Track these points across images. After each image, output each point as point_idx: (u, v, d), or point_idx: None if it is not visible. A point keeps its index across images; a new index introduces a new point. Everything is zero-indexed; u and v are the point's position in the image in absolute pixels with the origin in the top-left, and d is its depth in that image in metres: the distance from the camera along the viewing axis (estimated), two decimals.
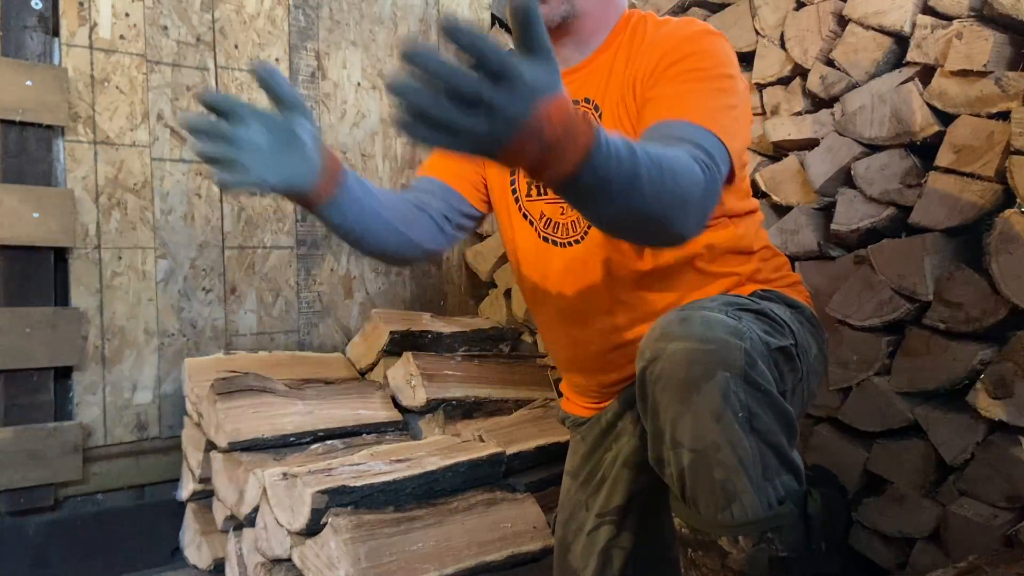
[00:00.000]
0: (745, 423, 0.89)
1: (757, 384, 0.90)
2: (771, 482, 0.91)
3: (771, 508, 0.91)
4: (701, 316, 0.93)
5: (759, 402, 0.90)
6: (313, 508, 1.34)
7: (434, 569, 1.35)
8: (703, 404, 0.89)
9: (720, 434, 0.89)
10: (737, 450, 0.89)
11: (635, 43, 1.15)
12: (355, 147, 2.25)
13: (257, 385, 1.72)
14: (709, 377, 0.89)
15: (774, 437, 0.91)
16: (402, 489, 1.44)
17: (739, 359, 0.89)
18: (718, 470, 0.90)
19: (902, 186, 1.48)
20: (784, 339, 1.01)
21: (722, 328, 0.91)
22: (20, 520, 1.70)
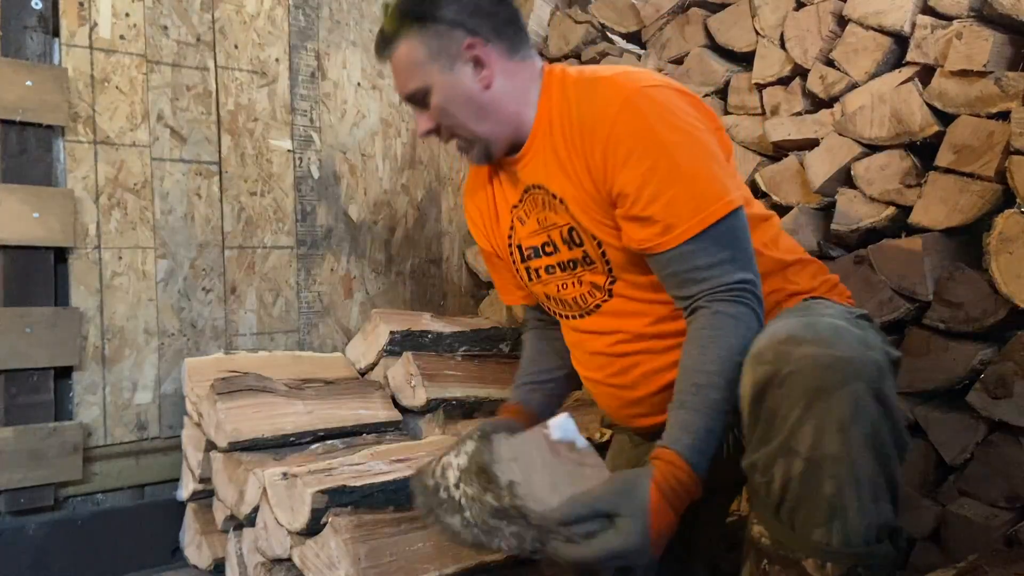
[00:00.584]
0: (869, 439, 0.85)
1: (886, 400, 0.87)
2: (878, 507, 0.87)
3: (869, 537, 0.86)
4: (828, 323, 0.90)
5: (885, 419, 0.86)
6: (313, 508, 1.34)
7: (434, 569, 1.35)
8: (830, 413, 0.85)
9: (843, 447, 0.85)
10: (855, 467, 0.85)
11: (565, 119, 1.12)
12: (355, 147, 2.25)
13: (257, 385, 1.72)
14: (843, 385, 0.85)
15: (890, 460, 0.87)
16: (403, 489, 1.44)
17: (872, 371, 0.86)
18: (829, 484, 0.85)
19: (902, 186, 1.48)
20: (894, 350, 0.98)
21: (851, 337, 0.88)
22: (20, 520, 1.70)
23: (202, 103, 1.97)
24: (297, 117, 2.13)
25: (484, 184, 1.32)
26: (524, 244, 1.24)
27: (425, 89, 1.16)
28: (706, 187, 1.02)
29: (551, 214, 1.17)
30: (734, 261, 1.01)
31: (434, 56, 1.14)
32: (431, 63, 1.15)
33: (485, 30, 1.15)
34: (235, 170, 2.02)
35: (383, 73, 2.31)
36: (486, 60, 1.14)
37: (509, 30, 1.17)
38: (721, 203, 1.01)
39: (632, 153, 1.03)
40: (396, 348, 1.96)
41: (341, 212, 2.23)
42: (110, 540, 1.79)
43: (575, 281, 1.19)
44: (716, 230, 1.01)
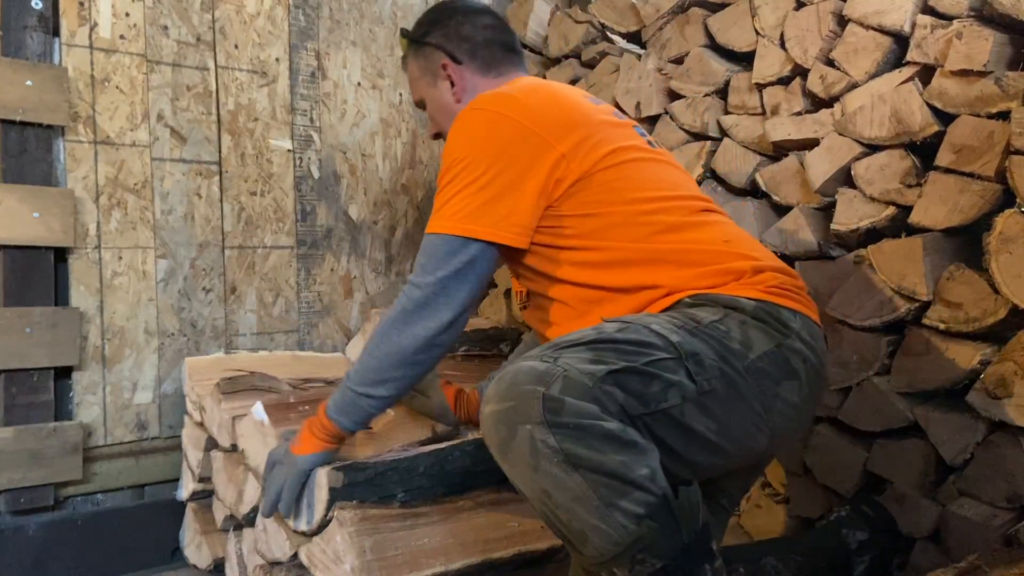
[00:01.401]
0: (564, 464, 0.93)
1: (566, 424, 0.93)
2: (616, 507, 0.93)
3: (626, 531, 0.93)
4: (514, 370, 0.99)
5: (575, 438, 0.93)
6: (331, 487, 1.34)
7: (440, 564, 1.35)
8: (518, 460, 0.96)
9: (543, 482, 0.94)
10: (566, 491, 0.93)
11: None
12: (355, 147, 2.25)
13: (263, 385, 1.72)
14: (513, 434, 0.95)
15: (606, 464, 0.93)
16: (415, 468, 1.44)
17: (537, 408, 0.93)
18: (560, 513, 0.95)
19: (902, 186, 1.48)
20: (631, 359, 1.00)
21: (527, 379, 0.96)
22: (20, 520, 1.70)
23: (202, 103, 1.97)
24: (297, 117, 2.13)
25: None
26: None
27: (421, 100, 1.46)
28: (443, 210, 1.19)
29: None
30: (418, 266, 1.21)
31: (423, 73, 1.43)
32: (422, 78, 1.44)
33: (460, 53, 1.40)
34: (235, 170, 2.02)
35: (383, 73, 2.31)
36: (456, 78, 1.39)
37: (484, 52, 1.40)
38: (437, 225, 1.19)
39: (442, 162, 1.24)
40: None
41: (341, 212, 2.23)
42: (110, 540, 1.80)
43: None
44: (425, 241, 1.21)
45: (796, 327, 1.13)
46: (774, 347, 1.10)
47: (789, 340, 1.12)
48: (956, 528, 1.38)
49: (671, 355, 1.02)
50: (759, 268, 1.18)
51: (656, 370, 1.01)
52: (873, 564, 1.44)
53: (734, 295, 1.13)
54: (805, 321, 1.16)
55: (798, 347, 1.12)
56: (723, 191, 1.83)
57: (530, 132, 1.19)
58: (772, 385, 1.09)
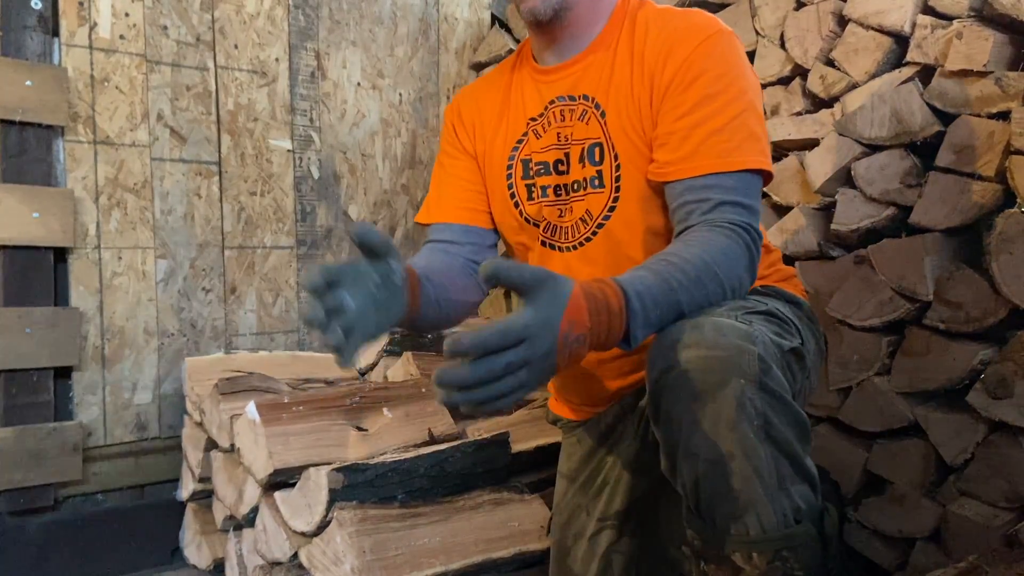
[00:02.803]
0: (761, 432, 0.87)
1: (772, 390, 0.88)
2: (786, 492, 0.88)
3: (787, 522, 0.88)
4: (713, 322, 0.90)
5: (774, 409, 0.88)
6: (331, 488, 1.33)
7: (440, 564, 1.35)
8: (718, 413, 0.86)
9: (736, 443, 0.86)
10: (752, 460, 0.86)
11: (637, 39, 1.12)
12: (355, 147, 2.25)
13: (261, 385, 1.72)
14: (724, 384, 0.86)
15: (789, 446, 0.88)
16: (415, 470, 1.44)
17: (754, 365, 0.87)
18: (734, 479, 0.87)
19: (902, 186, 1.48)
20: (794, 339, 1.00)
21: (735, 333, 0.88)
22: (20, 520, 1.70)
23: (202, 103, 1.97)
24: (297, 117, 2.13)
25: (500, 89, 1.28)
26: (535, 158, 1.21)
27: None
28: (749, 139, 1.03)
29: (580, 127, 1.15)
30: (746, 208, 1.01)
31: None
32: None
33: None
34: (235, 170, 2.02)
35: (383, 73, 2.31)
36: None
37: None
38: (755, 158, 1.03)
39: (703, 75, 1.05)
40: (396, 348, 1.95)
41: (341, 212, 2.23)
42: (110, 540, 1.80)
43: (569, 208, 1.18)
44: (740, 177, 1.02)
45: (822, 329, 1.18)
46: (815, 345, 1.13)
47: (822, 341, 1.16)
48: (956, 528, 1.38)
49: (799, 342, 1.02)
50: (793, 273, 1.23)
51: (802, 353, 1.01)
52: None
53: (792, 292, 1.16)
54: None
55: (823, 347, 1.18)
56: None
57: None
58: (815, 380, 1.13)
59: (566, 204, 1.17)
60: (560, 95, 1.17)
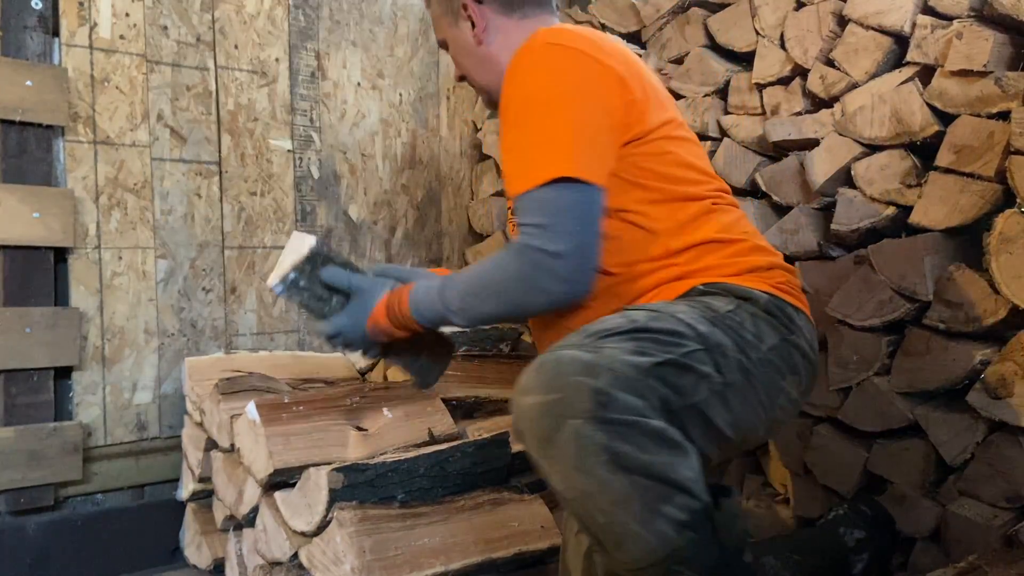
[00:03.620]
0: (610, 465, 0.88)
1: (613, 420, 0.88)
2: (658, 513, 0.89)
3: (667, 540, 0.89)
4: (555, 359, 0.93)
5: (621, 437, 0.88)
6: (331, 488, 1.33)
7: (440, 564, 1.35)
8: (562, 457, 0.89)
9: (586, 482, 0.89)
10: (609, 494, 0.88)
11: None
12: (355, 147, 2.25)
13: (261, 385, 1.72)
14: (559, 428, 0.89)
15: (648, 467, 0.89)
16: (415, 470, 1.44)
17: (587, 402, 0.88)
18: (599, 516, 0.90)
19: (902, 186, 1.48)
20: (670, 350, 0.97)
21: (573, 369, 0.90)
22: (20, 520, 1.70)
23: (202, 103, 1.97)
24: (297, 117, 2.13)
25: None
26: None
27: (444, 41, 1.36)
28: (541, 152, 1.08)
29: None
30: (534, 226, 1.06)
31: (445, 13, 1.33)
32: (443, 17, 1.34)
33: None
34: (235, 170, 2.02)
35: (383, 73, 2.31)
36: (476, 18, 1.28)
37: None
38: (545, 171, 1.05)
39: (508, 101, 1.13)
40: None
41: (341, 212, 2.23)
42: (110, 540, 1.79)
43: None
44: (533, 195, 1.07)
45: (800, 324, 1.14)
46: (781, 341, 1.09)
47: (794, 336, 1.11)
48: (956, 528, 1.38)
49: (701, 346, 1.00)
50: (772, 264, 1.18)
51: (691, 362, 0.98)
52: (871, 562, 1.44)
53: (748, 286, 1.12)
54: (806, 320, 1.16)
55: (801, 344, 1.12)
56: None
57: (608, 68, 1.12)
58: (779, 379, 1.09)
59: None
60: None
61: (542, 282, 1.06)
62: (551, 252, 1.05)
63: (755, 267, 1.16)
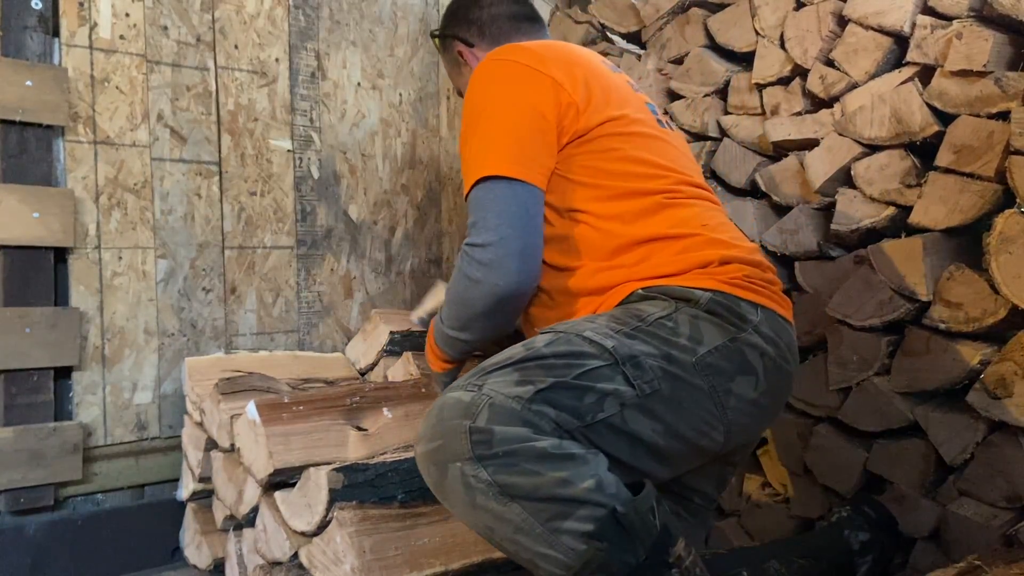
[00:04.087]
0: (500, 497, 0.90)
1: (496, 454, 0.90)
2: (561, 530, 0.90)
3: (577, 553, 0.90)
4: (440, 405, 0.97)
5: (505, 468, 0.90)
6: (331, 488, 1.33)
7: (440, 564, 1.35)
8: (455, 499, 0.94)
9: (484, 517, 0.92)
10: (507, 524, 0.91)
11: None
12: (355, 147, 2.25)
13: (261, 385, 1.72)
14: (444, 474, 0.94)
15: (540, 490, 0.90)
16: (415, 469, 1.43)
17: (464, 444, 0.91)
18: (507, 545, 0.93)
19: (902, 186, 1.48)
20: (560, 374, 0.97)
21: (452, 413, 0.94)
22: (20, 520, 1.70)
23: (202, 103, 1.97)
24: (297, 117, 2.13)
25: None
26: None
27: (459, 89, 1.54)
28: (476, 161, 1.17)
29: None
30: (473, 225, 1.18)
31: (451, 64, 1.55)
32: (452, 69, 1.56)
33: (471, 35, 1.49)
34: (235, 170, 2.02)
35: (383, 73, 2.31)
36: (470, 60, 1.48)
37: (492, 28, 1.47)
38: (477, 173, 1.16)
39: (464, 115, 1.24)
40: (396, 348, 1.96)
41: (341, 212, 2.23)
42: (110, 540, 1.79)
43: None
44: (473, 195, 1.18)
45: (755, 320, 1.10)
46: (727, 340, 1.07)
47: (745, 334, 1.09)
48: (956, 528, 1.38)
49: (606, 362, 0.99)
50: (727, 259, 1.14)
51: (588, 381, 0.97)
52: (875, 564, 1.44)
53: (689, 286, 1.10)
54: (768, 315, 1.13)
55: (755, 341, 1.09)
56: (723, 191, 1.83)
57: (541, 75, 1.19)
58: (724, 381, 1.06)
59: None
60: None
61: (471, 272, 1.16)
62: (476, 244, 1.16)
63: (705, 262, 1.13)
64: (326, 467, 1.38)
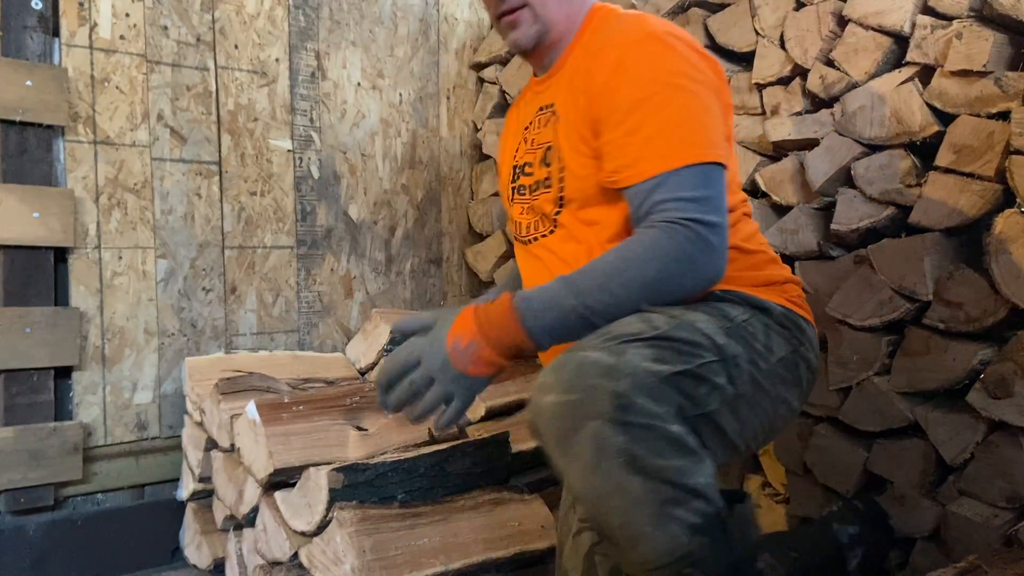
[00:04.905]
0: (627, 467, 0.89)
1: (632, 423, 0.89)
2: (671, 516, 0.90)
3: (679, 543, 0.90)
4: (576, 360, 0.93)
5: (639, 440, 0.89)
6: (331, 488, 1.33)
7: (440, 564, 1.35)
8: (579, 457, 0.90)
9: (603, 482, 0.90)
10: (625, 496, 0.89)
11: (592, 45, 1.17)
12: (355, 147, 2.25)
13: (261, 385, 1.72)
14: (578, 429, 0.90)
15: (664, 471, 0.90)
16: (415, 470, 1.44)
17: (607, 404, 0.89)
18: (613, 516, 0.91)
19: (902, 186, 1.48)
20: (688, 361, 0.97)
21: (594, 372, 0.91)
22: (20, 520, 1.70)
23: (202, 103, 1.97)
24: (297, 117, 2.13)
25: (512, 111, 1.39)
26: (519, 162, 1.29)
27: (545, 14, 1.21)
28: (689, 135, 1.04)
29: (545, 132, 1.22)
30: (692, 201, 1.01)
31: None
32: None
33: None
34: (235, 170, 2.02)
35: (383, 73, 2.31)
36: None
37: None
38: (697, 151, 1.03)
39: (633, 82, 1.07)
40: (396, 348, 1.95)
41: (341, 212, 2.23)
42: (110, 540, 1.79)
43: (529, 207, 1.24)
44: (686, 172, 1.03)
45: (810, 336, 1.15)
46: (790, 352, 1.11)
47: (803, 348, 1.13)
48: (956, 528, 1.38)
49: (716, 357, 1.01)
50: (787, 279, 1.21)
51: (706, 373, 0.99)
52: (866, 558, 1.45)
53: (764, 298, 1.13)
54: (815, 333, 1.18)
55: (809, 356, 1.14)
56: None
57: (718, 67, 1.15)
58: (784, 391, 1.10)
59: (528, 203, 1.24)
60: (543, 105, 1.24)
61: (698, 256, 0.99)
62: (710, 222, 1.00)
63: (772, 281, 1.18)
64: (326, 467, 1.38)
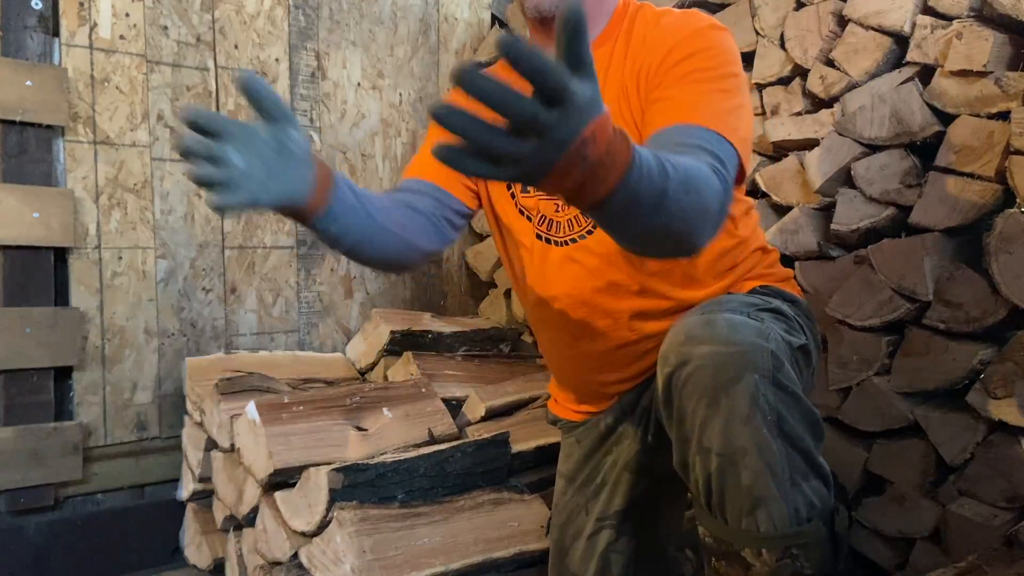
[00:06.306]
0: (774, 427, 0.87)
1: (784, 386, 0.89)
2: (799, 488, 0.89)
3: (798, 518, 0.88)
4: (725, 318, 0.91)
5: (787, 405, 0.89)
6: (331, 488, 1.33)
7: (440, 564, 1.35)
8: (732, 408, 0.87)
9: (749, 438, 0.87)
10: (765, 455, 0.87)
11: (634, 36, 1.13)
12: (355, 147, 2.25)
13: (261, 385, 1.72)
14: (738, 380, 0.87)
15: (802, 441, 0.89)
16: (415, 470, 1.44)
17: (767, 361, 0.88)
18: (745, 475, 0.87)
19: (902, 186, 1.48)
20: (801, 337, 1.01)
21: (748, 330, 0.90)
22: (20, 520, 1.70)
23: (202, 103, 1.97)
24: (297, 117, 2.13)
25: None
26: None
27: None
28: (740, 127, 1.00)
29: None
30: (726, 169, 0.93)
31: None
32: None
33: None
34: None
35: (383, 73, 2.31)
36: None
37: None
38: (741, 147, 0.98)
39: (694, 56, 1.03)
40: (396, 348, 1.96)
41: None
42: (110, 540, 1.79)
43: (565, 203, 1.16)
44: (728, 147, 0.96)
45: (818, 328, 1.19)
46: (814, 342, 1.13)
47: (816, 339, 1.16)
48: (956, 528, 1.38)
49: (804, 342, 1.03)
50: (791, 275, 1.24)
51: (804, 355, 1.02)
52: None
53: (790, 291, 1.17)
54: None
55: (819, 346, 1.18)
56: None
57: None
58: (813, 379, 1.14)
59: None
60: None
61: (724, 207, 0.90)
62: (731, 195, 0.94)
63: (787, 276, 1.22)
64: (326, 467, 1.38)
